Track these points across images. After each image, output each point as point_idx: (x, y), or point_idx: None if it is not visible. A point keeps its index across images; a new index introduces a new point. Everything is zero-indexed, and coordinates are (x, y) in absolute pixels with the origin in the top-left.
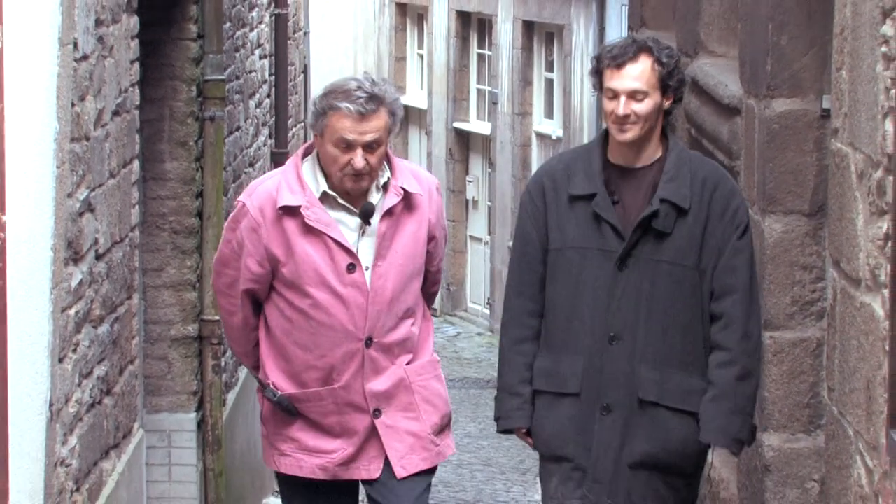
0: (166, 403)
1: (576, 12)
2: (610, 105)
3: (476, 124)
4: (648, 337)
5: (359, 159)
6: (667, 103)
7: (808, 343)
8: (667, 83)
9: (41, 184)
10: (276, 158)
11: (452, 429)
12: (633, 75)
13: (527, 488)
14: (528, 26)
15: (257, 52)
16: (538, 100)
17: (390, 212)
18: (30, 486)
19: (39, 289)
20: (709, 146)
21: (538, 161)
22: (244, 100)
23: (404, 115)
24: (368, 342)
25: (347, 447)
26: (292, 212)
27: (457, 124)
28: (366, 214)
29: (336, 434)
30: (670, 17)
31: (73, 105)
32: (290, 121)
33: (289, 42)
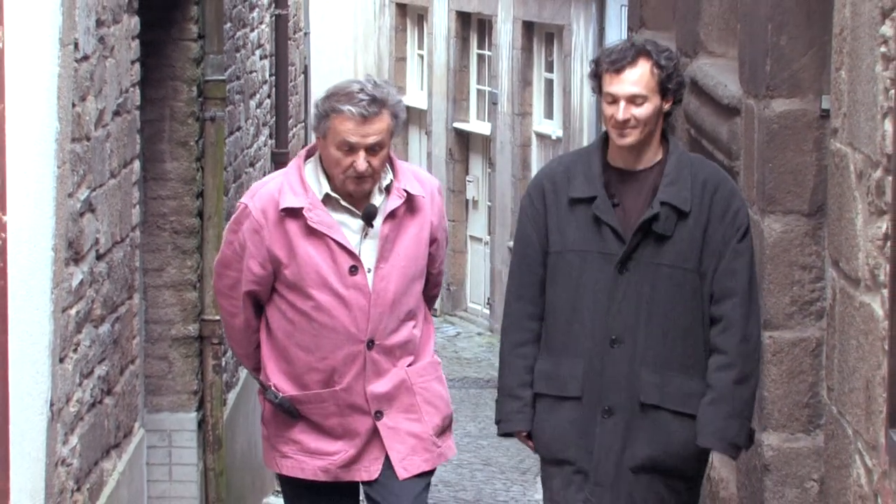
0: (167, 403)
1: (575, 13)
2: (609, 110)
3: (476, 124)
4: (649, 340)
5: (361, 162)
6: (666, 106)
7: (807, 343)
8: (666, 86)
9: (42, 184)
10: (276, 159)
11: (453, 429)
12: (632, 80)
13: (526, 487)
14: (528, 27)
15: (258, 52)
16: (538, 100)
17: (393, 214)
18: (31, 486)
19: (40, 288)
20: (708, 146)
21: (538, 161)
22: (245, 100)
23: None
24: (370, 344)
25: (349, 449)
26: (295, 213)
27: (457, 124)
28: (369, 217)
29: (337, 436)
30: (670, 17)
31: (74, 105)
32: (290, 121)
33: (289, 42)
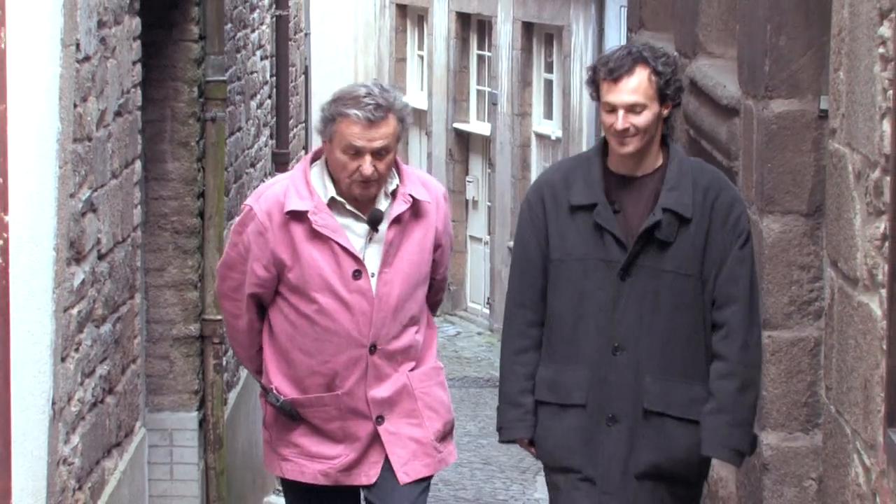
0: (168, 402)
1: (575, 14)
2: (608, 119)
3: (476, 125)
4: (652, 347)
5: (367, 166)
6: (665, 111)
7: (805, 342)
8: (664, 92)
9: (44, 184)
10: (277, 159)
11: (454, 434)
12: (630, 88)
13: (526, 486)
14: (528, 27)
15: (258, 53)
16: (537, 100)
17: (398, 219)
18: (32, 485)
19: (42, 288)
20: (707, 147)
21: (537, 161)
22: (245, 101)
23: None
24: (372, 349)
25: (350, 453)
26: (300, 217)
27: (457, 125)
28: (374, 221)
29: (338, 440)
30: (669, 18)
31: (76, 106)
32: (291, 121)
33: (290, 43)
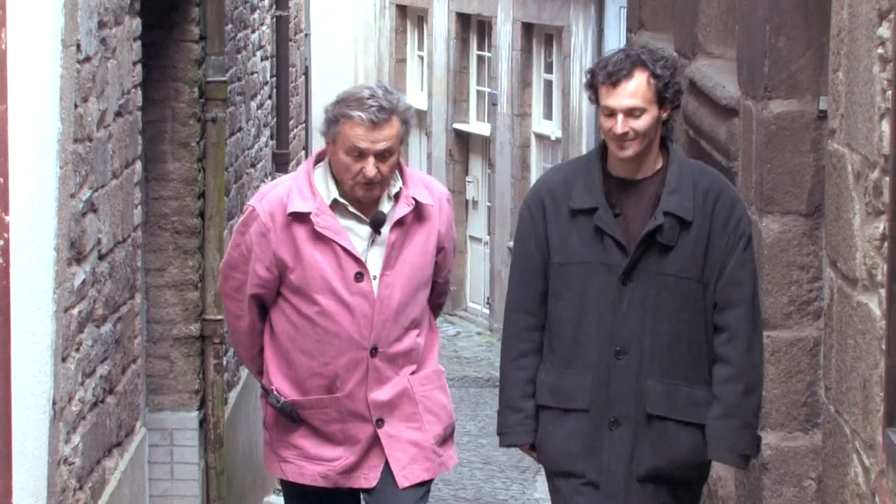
0: (168, 402)
1: (574, 14)
2: (608, 123)
3: (476, 125)
4: (654, 350)
5: (370, 168)
6: (664, 114)
7: (805, 342)
8: (663, 95)
9: (44, 184)
10: (277, 159)
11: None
12: (629, 92)
13: (526, 486)
14: (528, 28)
15: (259, 53)
16: (537, 101)
17: (401, 222)
18: (33, 485)
19: (42, 288)
20: (706, 147)
21: (537, 162)
22: (246, 101)
23: None
24: (373, 351)
25: (349, 455)
26: (302, 218)
27: (456, 125)
28: (377, 224)
29: (338, 442)
30: (668, 18)
31: (76, 106)
32: (291, 122)
33: (290, 44)
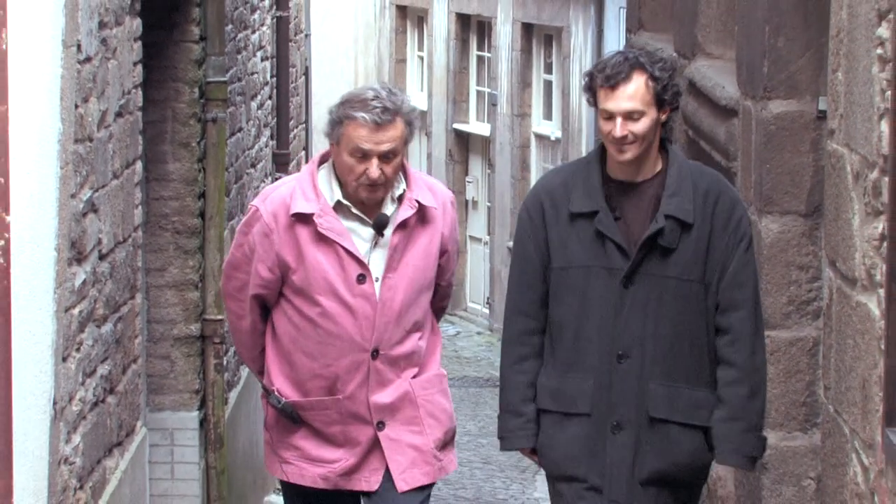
0: (169, 402)
1: (574, 15)
2: (606, 126)
3: (475, 125)
4: (657, 353)
5: (374, 169)
6: (663, 117)
7: (804, 342)
8: (662, 97)
9: (45, 185)
10: (277, 160)
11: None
12: (627, 95)
13: (525, 486)
14: (528, 28)
15: (259, 54)
16: (537, 101)
17: (404, 224)
18: (34, 484)
19: (43, 288)
20: (706, 147)
21: (537, 162)
22: (246, 101)
23: None
24: (375, 354)
25: (349, 457)
26: (305, 219)
27: (456, 125)
28: (380, 226)
29: (339, 444)
30: (668, 19)
31: (77, 106)
32: (291, 122)
33: (290, 44)
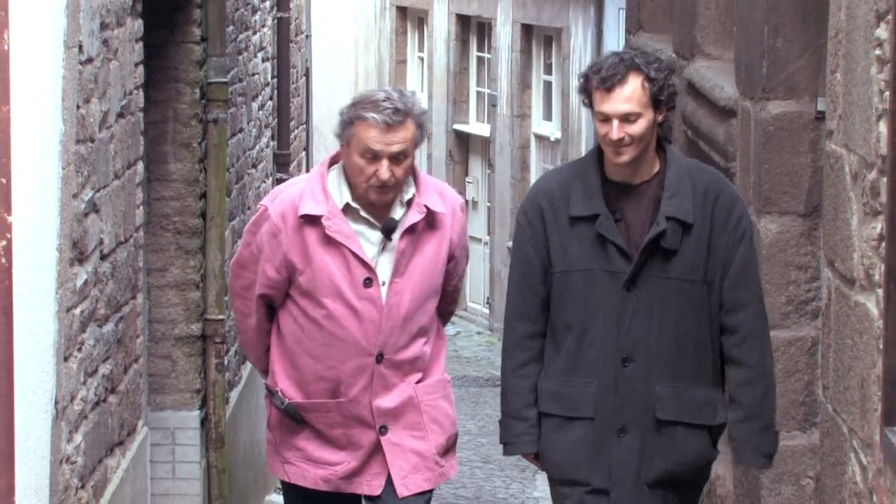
0: (170, 401)
1: (574, 16)
2: (603, 128)
3: (475, 126)
4: (661, 355)
5: (384, 171)
6: (660, 117)
7: (803, 342)
8: (658, 98)
9: (46, 185)
10: (278, 160)
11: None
12: (624, 97)
13: (525, 485)
14: (527, 29)
15: (260, 55)
16: (537, 102)
17: (412, 229)
18: (35, 483)
19: (45, 288)
20: (705, 148)
21: (537, 162)
22: (247, 102)
23: None
24: (379, 358)
25: (351, 461)
26: (313, 221)
27: (456, 126)
28: (388, 230)
29: (341, 446)
30: (667, 20)
31: (79, 107)
32: (292, 123)
33: (291, 45)
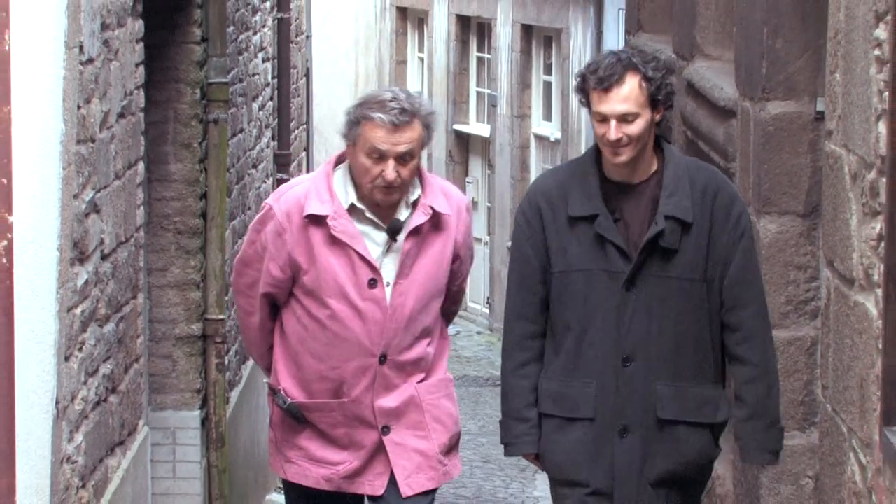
0: (171, 401)
1: (574, 16)
2: (600, 129)
3: (475, 126)
4: (662, 354)
5: (390, 171)
6: (657, 117)
7: (802, 342)
8: (656, 98)
9: (47, 185)
10: (278, 160)
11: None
12: (621, 97)
13: (525, 485)
14: (527, 30)
15: (260, 55)
16: (537, 102)
17: (417, 230)
18: (36, 483)
19: (46, 288)
20: (704, 148)
21: (536, 163)
22: (247, 102)
23: None
24: (382, 359)
25: (353, 460)
26: (319, 221)
27: (456, 126)
28: (393, 231)
29: (343, 446)
30: (667, 20)
31: (79, 107)
32: (292, 123)
33: (291, 45)
